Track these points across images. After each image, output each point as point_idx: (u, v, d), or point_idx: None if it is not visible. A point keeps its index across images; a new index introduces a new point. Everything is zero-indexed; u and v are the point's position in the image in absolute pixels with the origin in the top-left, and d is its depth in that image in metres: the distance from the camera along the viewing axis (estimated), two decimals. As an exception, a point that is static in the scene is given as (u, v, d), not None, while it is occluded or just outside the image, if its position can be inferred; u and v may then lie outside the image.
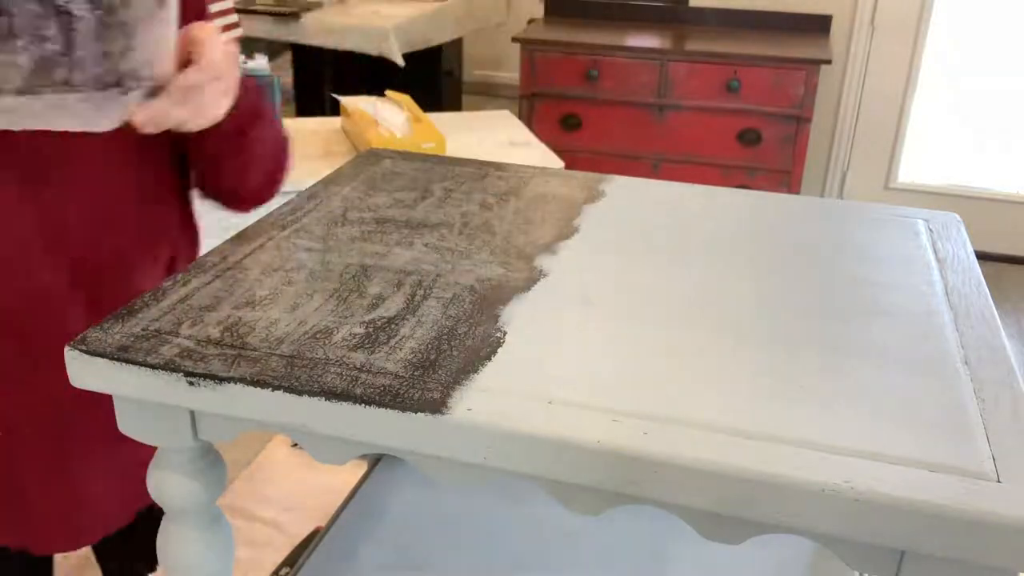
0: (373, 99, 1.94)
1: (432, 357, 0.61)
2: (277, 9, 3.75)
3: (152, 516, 0.76)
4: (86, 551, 1.02)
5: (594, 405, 0.57)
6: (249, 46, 3.58)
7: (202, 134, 0.82)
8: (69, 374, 0.62)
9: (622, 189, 0.95)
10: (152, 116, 0.74)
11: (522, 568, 0.91)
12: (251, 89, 0.86)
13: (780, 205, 0.93)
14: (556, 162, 1.86)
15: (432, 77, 4.17)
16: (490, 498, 1.00)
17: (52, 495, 0.92)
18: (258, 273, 0.73)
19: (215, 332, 0.64)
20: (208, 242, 0.94)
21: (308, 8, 3.78)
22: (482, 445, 0.56)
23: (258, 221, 0.84)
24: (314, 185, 0.93)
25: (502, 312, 0.68)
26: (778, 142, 2.80)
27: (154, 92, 0.73)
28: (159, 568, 0.72)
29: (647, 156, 3.03)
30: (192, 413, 0.63)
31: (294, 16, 3.69)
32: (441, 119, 2.09)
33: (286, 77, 4.26)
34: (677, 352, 0.64)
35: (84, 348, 0.62)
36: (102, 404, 0.66)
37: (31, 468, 0.90)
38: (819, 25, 3.05)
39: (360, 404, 0.57)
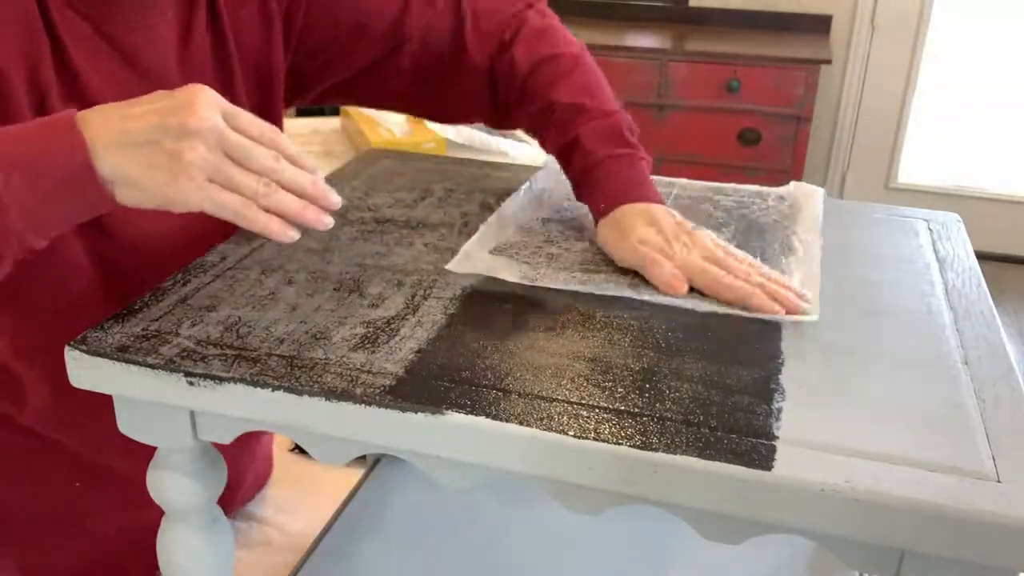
0: (373, 99, 1.94)
1: (432, 357, 0.61)
2: (277, 9, 3.73)
3: None
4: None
5: (594, 404, 0.57)
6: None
7: None
8: (69, 374, 0.62)
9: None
10: None
11: (522, 568, 0.91)
12: None
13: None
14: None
15: (432, 77, 4.15)
16: (490, 498, 1.00)
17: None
18: (258, 273, 0.73)
19: (215, 332, 0.64)
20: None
21: (308, 8, 3.76)
22: (482, 445, 0.56)
23: (258, 221, 0.84)
24: (314, 185, 0.93)
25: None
26: (778, 142, 2.80)
27: None
28: (159, 568, 0.72)
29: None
30: (192, 413, 0.63)
31: (294, 16, 3.67)
32: (441, 119, 2.07)
33: (286, 77, 4.25)
34: (677, 351, 0.64)
35: (84, 348, 0.62)
36: None
37: None
38: (819, 25, 3.05)
39: (360, 404, 0.57)
